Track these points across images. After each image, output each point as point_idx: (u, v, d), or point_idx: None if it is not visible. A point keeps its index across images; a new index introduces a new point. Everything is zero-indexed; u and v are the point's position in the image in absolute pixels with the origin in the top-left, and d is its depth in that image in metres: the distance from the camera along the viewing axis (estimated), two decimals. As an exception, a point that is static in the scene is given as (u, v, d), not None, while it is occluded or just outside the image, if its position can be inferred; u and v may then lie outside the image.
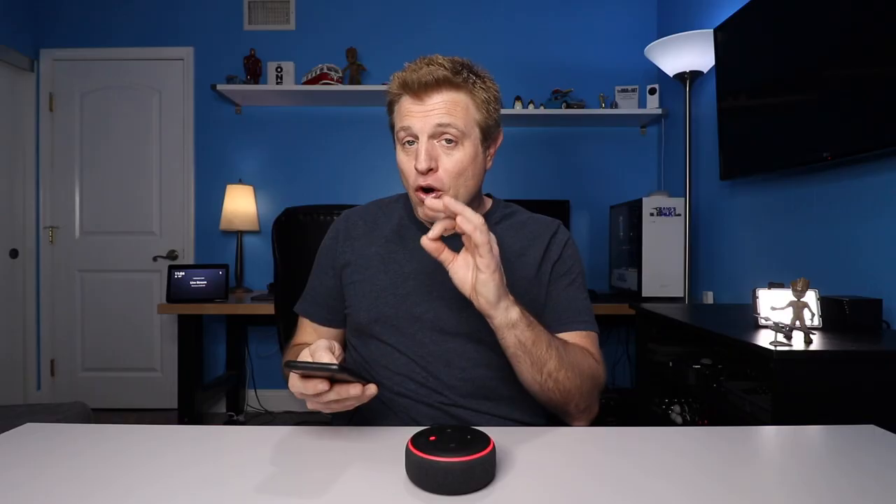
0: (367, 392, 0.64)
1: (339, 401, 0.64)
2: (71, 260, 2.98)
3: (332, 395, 0.63)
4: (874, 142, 1.32)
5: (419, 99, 0.79)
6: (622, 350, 2.94)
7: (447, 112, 0.78)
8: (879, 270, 1.40)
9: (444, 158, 0.80)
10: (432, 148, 0.79)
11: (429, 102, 0.79)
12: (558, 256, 0.91)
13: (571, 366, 0.77)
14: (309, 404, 0.66)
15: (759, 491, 0.53)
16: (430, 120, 0.78)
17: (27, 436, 0.67)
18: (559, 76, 2.91)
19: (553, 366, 0.75)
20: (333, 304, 0.94)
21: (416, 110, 0.79)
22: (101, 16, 2.95)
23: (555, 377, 0.75)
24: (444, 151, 0.80)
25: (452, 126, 0.78)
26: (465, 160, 0.81)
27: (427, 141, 0.79)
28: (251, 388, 2.97)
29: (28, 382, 2.93)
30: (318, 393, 0.62)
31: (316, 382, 0.62)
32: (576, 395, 0.78)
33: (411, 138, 0.81)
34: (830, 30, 1.44)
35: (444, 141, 0.79)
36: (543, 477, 0.56)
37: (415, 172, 0.80)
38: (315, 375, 0.62)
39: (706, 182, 2.35)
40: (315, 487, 0.53)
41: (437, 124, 0.78)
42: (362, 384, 0.64)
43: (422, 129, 0.79)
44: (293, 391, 0.64)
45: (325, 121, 2.98)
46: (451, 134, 0.79)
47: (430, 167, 0.78)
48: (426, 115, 0.78)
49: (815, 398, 1.02)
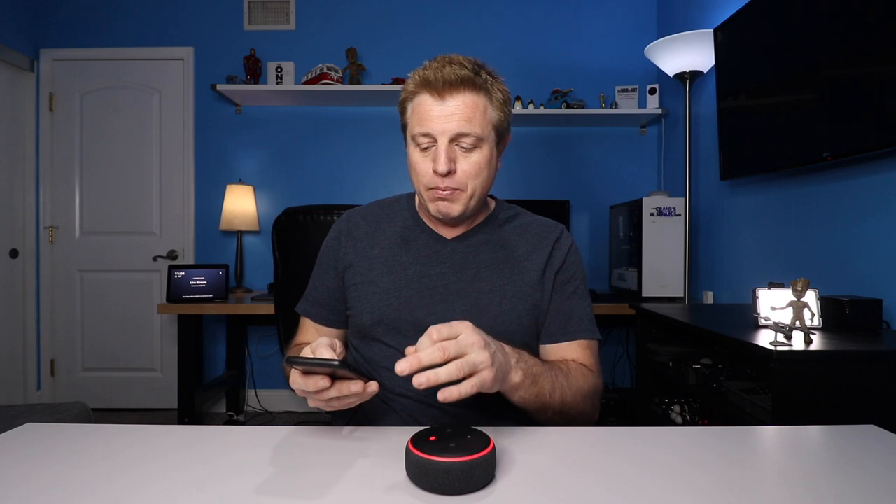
0: (368, 390, 0.64)
1: (339, 398, 0.63)
2: (71, 260, 2.98)
3: (333, 392, 0.63)
4: (874, 142, 1.31)
5: (441, 98, 0.80)
6: (622, 350, 2.94)
7: (467, 119, 0.80)
8: (879, 270, 1.40)
9: (462, 161, 0.82)
10: (451, 151, 0.81)
11: (450, 102, 0.80)
12: (562, 264, 0.91)
13: (574, 396, 0.79)
14: (310, 402, 0.66)
15: (759, 491, 0.53)
16: (451, 126, 0.79)
17: (27, 436, 0.67)
18: (559, 76, 2.91)
19: (557, 406, 0.76)
20: (335, 304, 0.94)
21: (435, 113, 0.80)
22: (101, 16, 2.95)
23: (559, 411, 0.77)
24: (462, 154, 0.82)
25: (472, 134, 0.80)
26: (482, 162, 0.83)
27: (447, 144, 0.80)
28: (251, 388, 2.97)
29: (28, 382, 2.93)
30: (319, 390, 0.62)
31: (317, 379, 0.62)
32: (578, 417, 0.81)
33: (429, 142, 0.82)
34: (830, 30, 1.44)
35: (462, 144, 0.81)
36: (543, 477, 0.56)
37: (430, 173, 0.82)
38: (316, 372, 0.62)
39: (706, 182, 2.35)
40: (315, 487, 0.53)
41: (458, 133, 0.80)
42: (364, 381, 0.63)
43: (442, 132, 0.80)
44: (294, 388, 0.64)
45: (325, 121, 2.98)
46: (469, 141, 0.81)
47: (450, 170, 0.80)
48: (446, 118, 0.79)
49: (815, 398, 1.02)
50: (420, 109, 0.82)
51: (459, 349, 0.59)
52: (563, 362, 0.83)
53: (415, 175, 0.85)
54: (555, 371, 0.77)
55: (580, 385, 0.80)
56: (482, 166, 0.83)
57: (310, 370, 0.62)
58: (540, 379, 0.73)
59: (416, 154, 0.84)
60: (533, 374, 0.72)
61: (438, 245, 0.90)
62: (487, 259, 0.89)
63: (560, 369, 0.79)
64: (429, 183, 0.83)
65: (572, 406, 0.78)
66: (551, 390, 0.75)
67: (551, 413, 0.76)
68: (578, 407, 0.80)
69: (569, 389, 0.77)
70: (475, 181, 0.83)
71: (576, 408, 0.79)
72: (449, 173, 0.81)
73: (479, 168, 0.82)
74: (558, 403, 0.76)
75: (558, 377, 0.77)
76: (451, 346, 0.59)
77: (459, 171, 0.82)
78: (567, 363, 0.84)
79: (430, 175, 0.82)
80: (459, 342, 0.60)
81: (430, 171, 0.82)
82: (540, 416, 0.77)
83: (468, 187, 0.83)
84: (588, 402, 0.82)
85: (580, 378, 0.82)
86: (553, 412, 0.76)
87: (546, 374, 0.75)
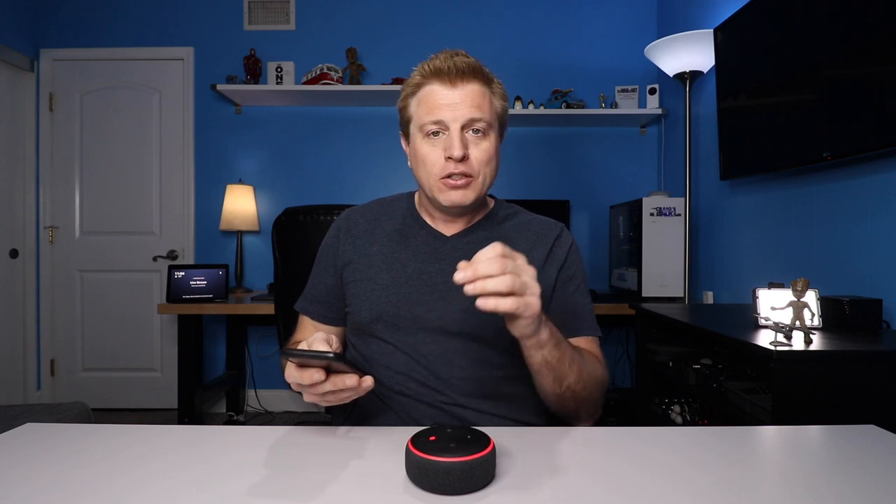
0: (363, 384, 0.64)
1: (335, 392, 0.63)
2: (71, 260, 2.98)
3: (328, 386, 0.63)
4: (874, 142, 1.31)
5: (452, 85, 0.82)
6: (622, 350, 2.94)
7: (477, 106, 0.82)
8: (879, 270, 1.40)
9: (474, 147, 0.83)
10: (463, 137, 0.82)
11: (461, 89, 0.82)
12: (563, 261, 0.91)
13: (588, 377, 0.78)
14: (305, 396, 0.66)
15: (759, 491, 0.53)
16: (463, 112, 0.81)
17: (27, 436, 0.67)
18: (559, 76, 2.91)
19: (573, 379, 0.76)
20: (334, 302, 0.94)
21: (446, 101, 0.81)
22: (101, 16, 2.95)
23: (573, 389, 0.77)
24: (473, 141, 0.83)
25: (483, 120, 0.82)
26: (491, 149, 0.85)
27: (459, 130, 0.81)
28: (251, 388, 2.97)
29: (28, 382, 2.93)
30: (313, 382, 0.62)
31: (312, 372, 0.62)
32: (589, 403, 0.81)
33: (440, 129, 0.83)
34: (830, 30, 1.44)
35: (472, 131, 0.83)
36: (543, 477, 0.56)
37: (442, 162, 0.82)
38: (312, 365, 0.62)
39: (706, 182, 2.35)
40: (315, 487, 0.53)
41: (471, 118, 0.81)
42: (359, 376, 0.63)
43: (454, 118, 0.81)
44: (289, 381, 0.64)
45: (325, 121, 2.98)
46: (481, 126, 0.83)
47: (465, 155, 0.82)
48: (457, 105, 0.81)
49: (815, 398, 1.02)
50: (430, 99, 0.83)
51: (516, 268, 0.61)
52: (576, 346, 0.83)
53: (423, 167, 0.85)
54: (573, 347, 0.78)
55: (592, 369, 0.80)
56: (492, 154, 0.85)
57: (305, 363, 0.62)
58: (562, 345, 0.73)
59: (425, 145, 0.84)
60: (557, 338, 0.72)
61: (438, 242, 0.91)
62: None
63: (576, 349, 0.79)
64: (441, 171, 0.83)
65: (585, 385, 0.78)
66: (570, 360, 0.75)
67: (565, 387, 0.76)
68: (590, 390, 0.79)
69: (584, 368, 0.78)
70: (486, 168, 0.84)
71: (587, 389, 0.78)
72: (463, 158, 0.81)
73: (489, 155, 0.84)
74: (575, 377, 0.76)
75: (575, 354, 0.77)
76: (510, 264, 0.61)
77: (472, 158, 0.83)
78: (579, 348, 0.83)
79: (441, 163, 0.82)
80: (518, 264, 0.62)
81: (441, 160, 0.82)
82: (555, 387, 0.75)
83: (480, 174, 0.84)
84: (598, 388, 0.82)
85: (593, 363, 0.82)
86: (567, 386, 0.76)
87: (568, 348, 0.75)
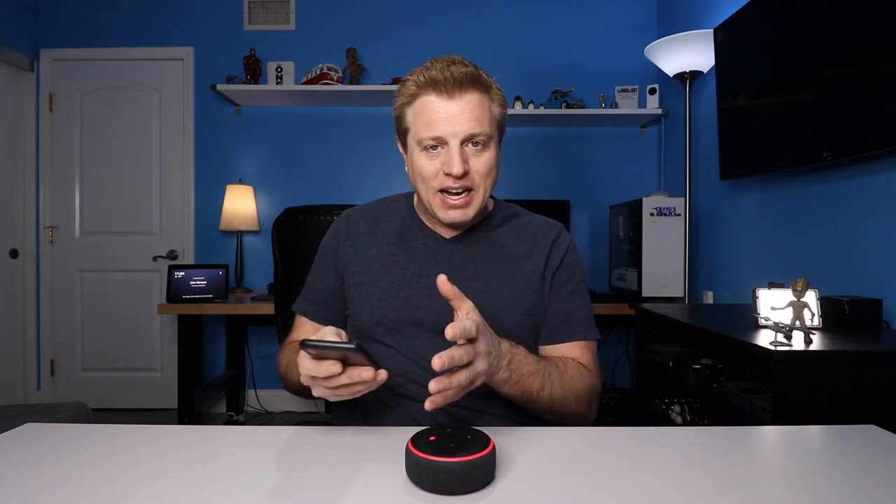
0: (378, 378, 0.63)
1: (348, 385, 0.63)
2: (71, 260, 2.98)
3: (344, 379, 0.62)
4: (874, 142, 1.31)
5: (450, 97, 0.80)
6: (622, 350, 2.94)
7: (476, 118, 0.80)
8: (879, 270, 1.40)
9: (474, 160, 0.82)
10: (463, 152, 0.81)
11: (458, 101, 0.80)
12: (559, 264, 0.91)
13: (565, 395, 0.80)
14: (315, 391, 0.65)
15: (759, 491, 0.53)
16: (462, 127, 0.80)
17: (27, 436, 0.67)
18: (559, 76, 2.91)
19: (545, 403, 0.79)
20: (334, 303, 0.94)
21: (444, 115, 0.80)
22: (101, 16, 2.95)
23: (548, 408, 0.80)
24: (473, 153, 0.82)
25: (482, 133, 0.81)
26: (492, 160, 0.84)
27: (459, 146, 0.80)
28: (251, 388, 2.97)
29: (28, 382, 2.93)
30: (330, 375, 0.61)
31: (329, 364, 0.61)
32: (572, 415, 0.83)
33: (439, 143, 0.81)
34: (830, 30, 1.44)
35: (472, 144, 0.82)
36: (543, 477, 0.56)
37: (440, 176, 0.82)
38: (329, 357, 0.61)
39: (706, 182, 2.35)
40: (315, 487, 0.53)
41: (470, 133, 0.80)
42: (375, 369, 0.63)
43: (453, 134, 0.80)
44: (303, 373, 0.63)
45: (325, 121, 2.98)
46: (481, 139, 0.82)
47: (465, 171, 0.81)
48: (456, 119, 0.80)
49: (815, 398, 1.02)
50: (427, 112, 0.81)
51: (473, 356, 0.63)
52: (561, 360, 0.84)
53: (422, 181, 0.84)
54: (549, 370, 0.78)
55: (573, 385, 0.81)
56: (492, 165, 0.84)
57: (323, 354, 0.61)
58: (528, 379, 0.75)
59: (423, 159, 0.83)
60: (520, 375, 0.74)
61: (437, 244, 0.90)
62: (486, 258, 0.89)
63: (557, 367, 0.80)
64: (440, 185, 0.82)
65: (563, 405, 0.80)
66: (540, 388, 0.76)
67: (540, 409, 0.79)
68: (570, 406, 0.81)
69: (560, 389, 0.79)
70: (486, 180, 0.84)
71: (568, 407, 0.81)
72: (463, 174, 0.81)
73: (489, 167, 0.83)
74: (547, 401, 0.78)
75: (551, 375, 0.78)
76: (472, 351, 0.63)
77: (472, 171, 0.82)
78: (566, 361, 0.84)
79: (440, 178, 0.82)
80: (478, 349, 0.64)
81: (440, 174, 0.81)
82: (529, 409, 0.79)
83: (480, 186, 0.84)
84: (582, 402, 0.83)
85: (576, 378, 0.82)
86: (542, 408, 0.79)
87: (537, 373, 0.76)
